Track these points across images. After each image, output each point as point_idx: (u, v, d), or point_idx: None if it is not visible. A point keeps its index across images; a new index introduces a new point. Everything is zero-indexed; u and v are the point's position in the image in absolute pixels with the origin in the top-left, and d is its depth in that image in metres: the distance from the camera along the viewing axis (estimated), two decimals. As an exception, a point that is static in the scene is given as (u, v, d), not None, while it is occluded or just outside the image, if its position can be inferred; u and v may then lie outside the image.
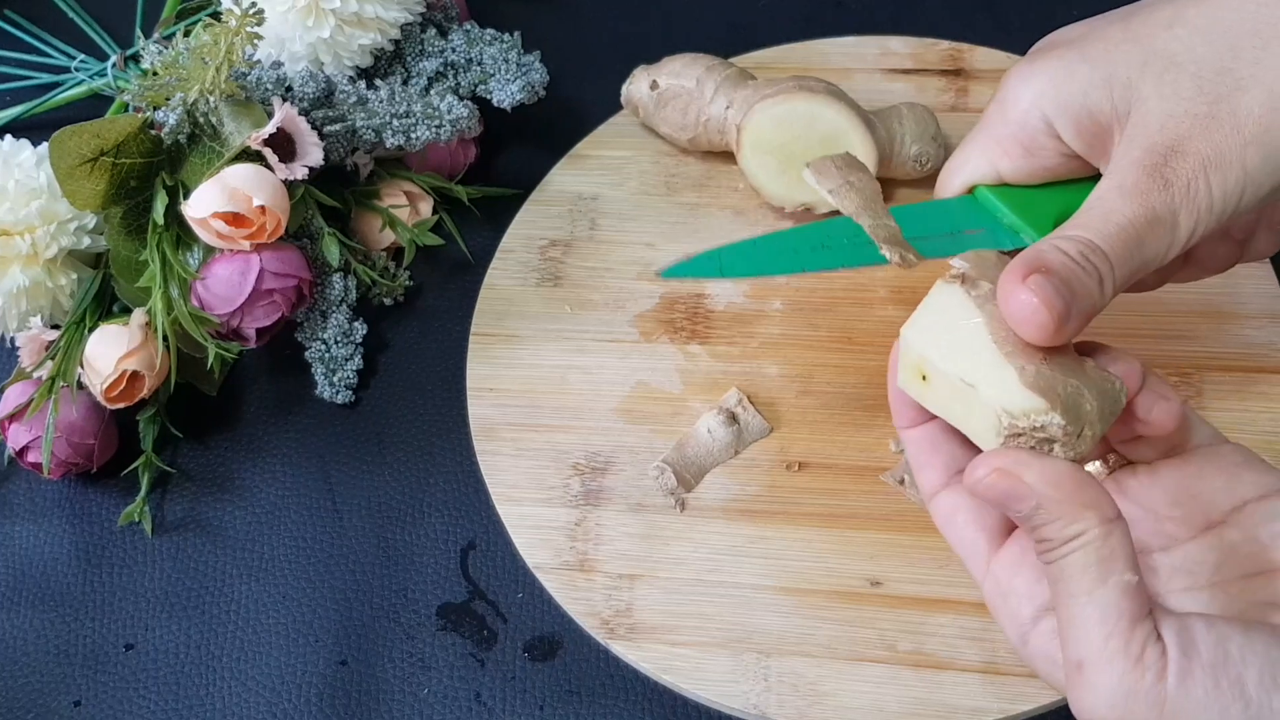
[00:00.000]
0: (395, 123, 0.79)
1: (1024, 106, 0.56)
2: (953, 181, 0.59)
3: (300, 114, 0.77)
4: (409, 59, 0.85)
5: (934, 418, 0.57)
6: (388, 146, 0.80)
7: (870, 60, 0.89)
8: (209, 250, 0.75)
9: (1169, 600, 0.52)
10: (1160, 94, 0.52)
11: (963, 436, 0.57)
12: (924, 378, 0.54)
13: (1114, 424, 0.51)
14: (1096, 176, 0.55)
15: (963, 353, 0.52)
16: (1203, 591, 0.52)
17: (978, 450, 0.52)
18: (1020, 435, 0.49)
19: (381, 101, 0.79)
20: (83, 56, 0.93)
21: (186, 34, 0.79)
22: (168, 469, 0.78)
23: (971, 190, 0.58)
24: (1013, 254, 0.53)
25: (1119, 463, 0.55)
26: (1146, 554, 0.53)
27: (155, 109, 0.76)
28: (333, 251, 0.79)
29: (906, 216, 0.58)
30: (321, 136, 0.77)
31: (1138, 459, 0.55)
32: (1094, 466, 0.55)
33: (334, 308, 0.80)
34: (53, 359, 0.76)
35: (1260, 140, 0.51)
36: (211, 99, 0.75)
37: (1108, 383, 0.50)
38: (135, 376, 0.74)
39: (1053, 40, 0.58)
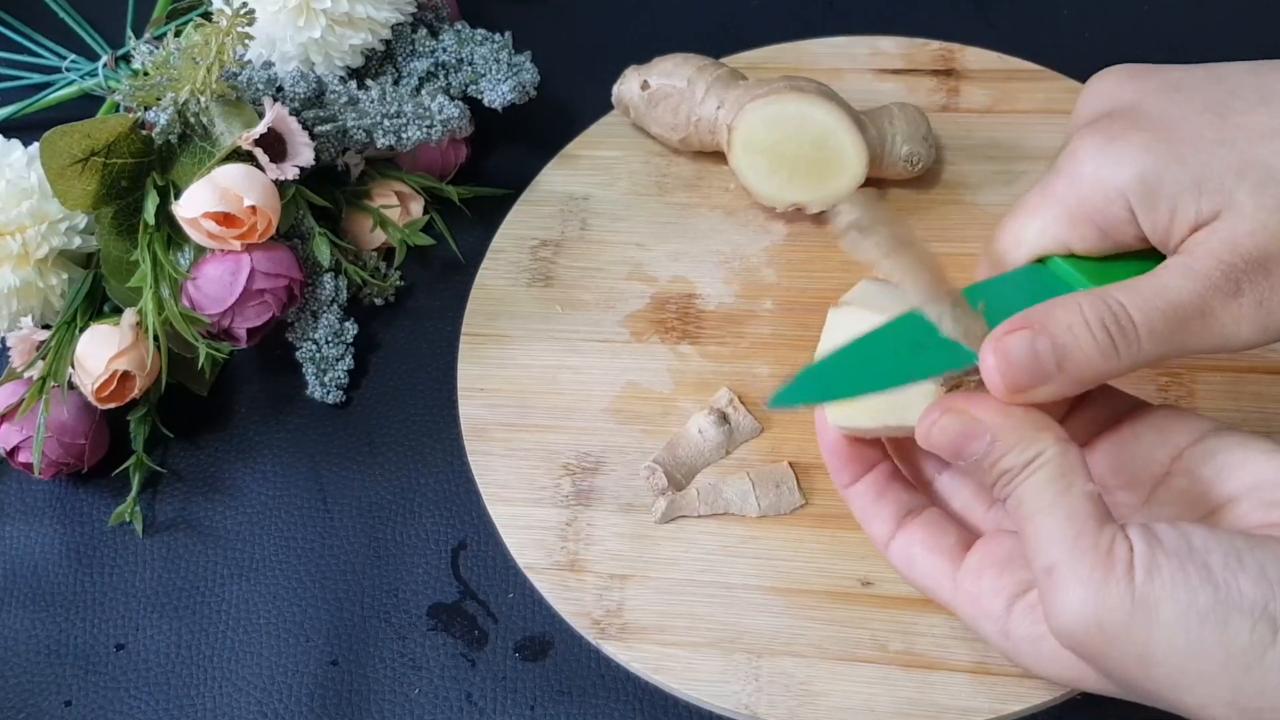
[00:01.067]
0: (386, 123, 0.79)
1: (1105, 191, 0.54)
2: (1018, 253, 0.57)
3: (291, 114, 0.77)
4: (400, 59, 0.85)
5: (871, 469, 0.59)
6: (379, 146, 0.80)
7: (861, 60, 0.89)
8: (200, 250, 0.75)
9: None
10: (1258, 203, 0.51)
11: (905, 480, 0.59)
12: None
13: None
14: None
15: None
16: None
17: (922, 489, 0.53)
18: (959, 386, 0.50)
19: (372, 102, 0.79)
20: (74, 56, 0.93)
21: (177, 34, 0.80)
22: (159, 469, 0.78)
23: (1041, 260, 0.57)
24: None
25: None
26: None
27: (146, 109, 0.76)
28: (323, 251, 0.79)
29: (982, 293, 0.55)
30: (312, 136, 0.77)
31: (1076, 440, 0.54)
32: None
33: (325, 308, 0.80)
34: (44, 359, 0.76)
35: None
36: (202, 99, 0.75)
37: None
38: (126, 376, 0.74)
39: (1130, 110, 0.55)
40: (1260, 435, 0.53)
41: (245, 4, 0.73)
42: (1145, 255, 0.55)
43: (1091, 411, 0.55)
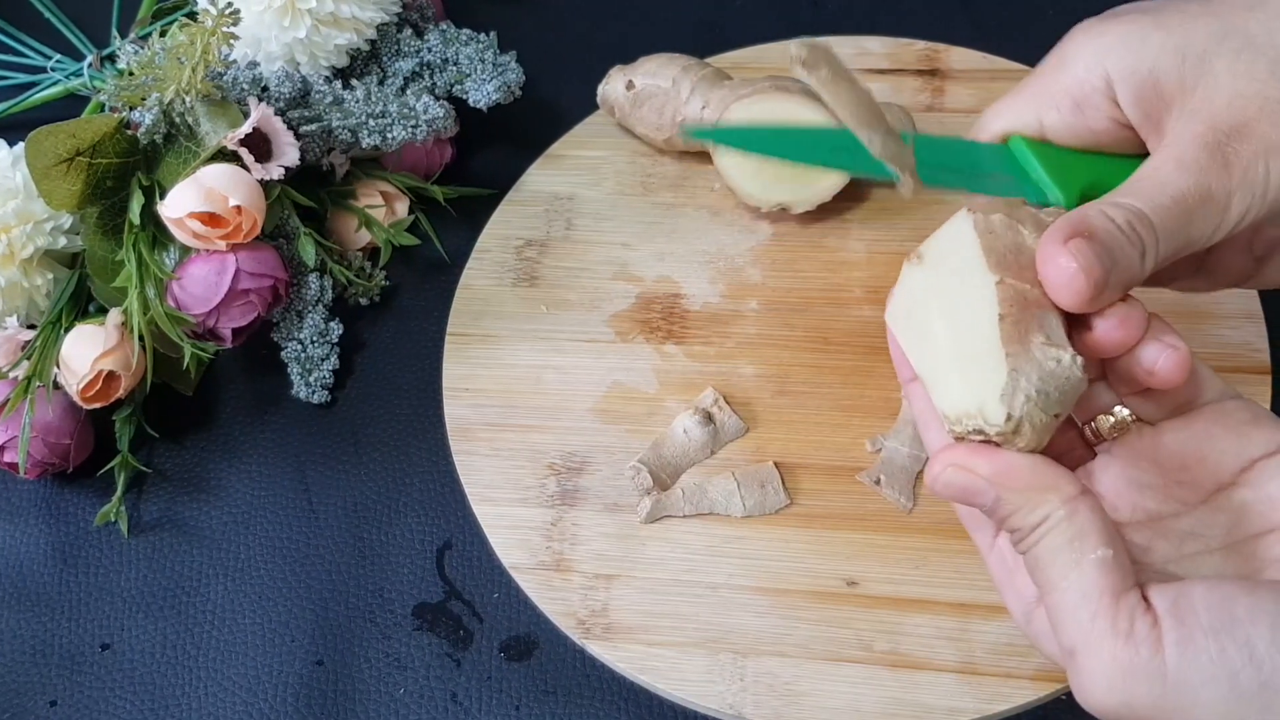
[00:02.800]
0: (371, 123, 0.79)
1: (1087, 61, 0.54)
2: (992, 125, 0.57)
3: (276, 114, 0.77)
4: (385, 59, 0.85)
5: None
6: (364, 146, 0.79)
7: (846, 60, 0.88)
8: (185, 250, 0.75)
9: (1182, 566, 0.51)
10: (1233, 71, 0.51)
11: None
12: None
13: (1123, 376, 0.51)
14: (1136, 157, 0.54)
15: (923, 342, 0.52)
16: (1215, 554, 0.51)
17: None
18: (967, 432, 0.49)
19: (357, 101, 0.79)
20: (59, 56, 0.93)
21: (163, 34, 0.80)
22: (144, 469, 0.78)
23: (1007, 139, 0.57)
24: (1037, 208, 0.52)
25: (1132, 417, 0.53)
26: (1159, 520, 0.52)
27: (131, 109, 0.76)
28: (309, 251, 0.79)
29: (932, 147, 0.56)
30: (297, 136, 0.77)
31: (1148, 417, 0.53)
32: (1123, 412, 0.53)
33: (310, 307, 0.80)
34: (29, 359, 0.75)
35: None
36: (187, 99, 0.75)
37: (1053, 361, 0.47)
38: (111, 376, 0.74)
39: (1126, 7, 0.56)
40: None
41: (230, 4, 0.73)
42: (1106, 156, 0.56)
43: (1177, 392, 0.53)
